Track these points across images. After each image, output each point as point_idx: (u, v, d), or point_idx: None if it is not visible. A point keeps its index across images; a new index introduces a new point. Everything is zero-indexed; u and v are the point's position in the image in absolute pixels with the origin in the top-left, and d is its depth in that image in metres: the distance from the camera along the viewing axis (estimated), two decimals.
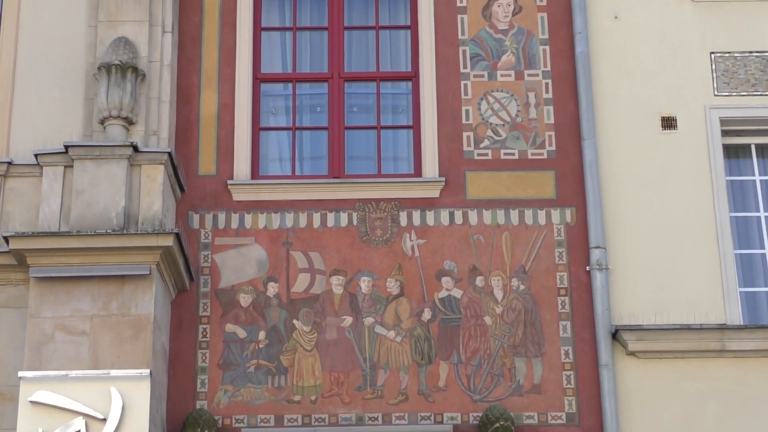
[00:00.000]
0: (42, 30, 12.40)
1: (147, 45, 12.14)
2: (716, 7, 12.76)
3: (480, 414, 11.65)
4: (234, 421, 11.70)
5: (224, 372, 11.84)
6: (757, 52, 12.64)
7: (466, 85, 12.65)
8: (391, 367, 11.85)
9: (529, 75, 12.69)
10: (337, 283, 12.07)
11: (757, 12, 12.74)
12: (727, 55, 12.64)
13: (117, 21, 12.21)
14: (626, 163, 12.34)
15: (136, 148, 11.54)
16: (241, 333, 11.94)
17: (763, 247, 12.38)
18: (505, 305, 11.99)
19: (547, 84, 12.65)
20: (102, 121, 11.82)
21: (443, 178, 12.32)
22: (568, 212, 12.26)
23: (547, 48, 12.75)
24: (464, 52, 12.76)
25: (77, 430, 10.67)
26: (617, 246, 12.10)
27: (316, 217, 12.27)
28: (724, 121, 12.45)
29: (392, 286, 12.06)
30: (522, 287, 12.02)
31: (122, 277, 11.14)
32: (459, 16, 12.86)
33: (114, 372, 10.87)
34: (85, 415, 10.70)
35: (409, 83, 12.91)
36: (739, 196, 12.56)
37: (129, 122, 11.82)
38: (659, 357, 11.72)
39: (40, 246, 11.14)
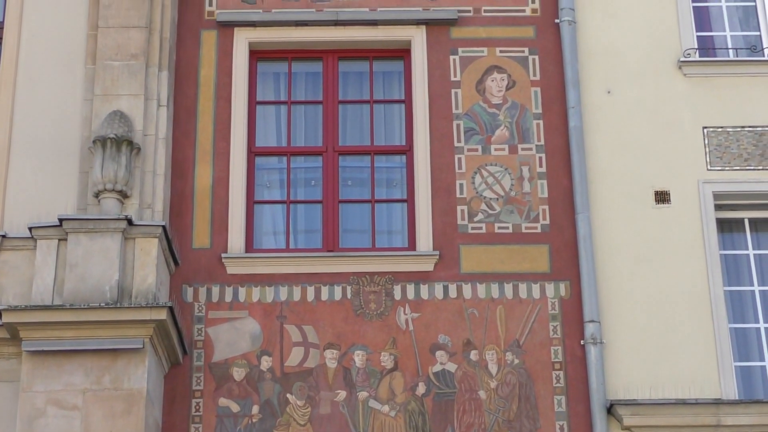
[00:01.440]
0: (38, 103, 12.45)
1: (142, 119, 12.17)
2: (708, 83, 12.86)
3: None
4: None
5: None
6: (750, 126, 12.70)
7: (460, 159, 12.69)
8: None
9: (522, 149, 12.73)
10: (331, 357, 12.02)
11: (748, 87, 12.82)
12: (719, 129, 12.71)
13: (113, 95, 12.25)
14: (620, 237, 12.36)
15: (130, 222, 11.53)
16: (235, 407, 11.86)
17: (757, 321, 12.36)
18: (499, 379, 11.94)
19: (540, 158, 12.69)
20: (96, 195, 11.82)
21: (437, 252, 12.31)
22: (562, 286, 12.25)
23: (541, 122, 12.81)
24: (458, 126, 12.81)
25: None
26: (612, 320, 12.07)
27: (310, 291, 12.24)
28: (717, 196, 12.48)
29: (386, 359, 12.02)
30: (516, 361, 11.98)
31: (115, 350, 11.09)
32: (453, 91, 12.93)
33: None
34: None
35: (404, 157, 12.96)
36: (733, 270, 12.55)
37: (123, 195, 11.82)
38: None
39: (33, 320, 11.09)
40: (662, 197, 12.47)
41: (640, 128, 12.72)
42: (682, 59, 12.88)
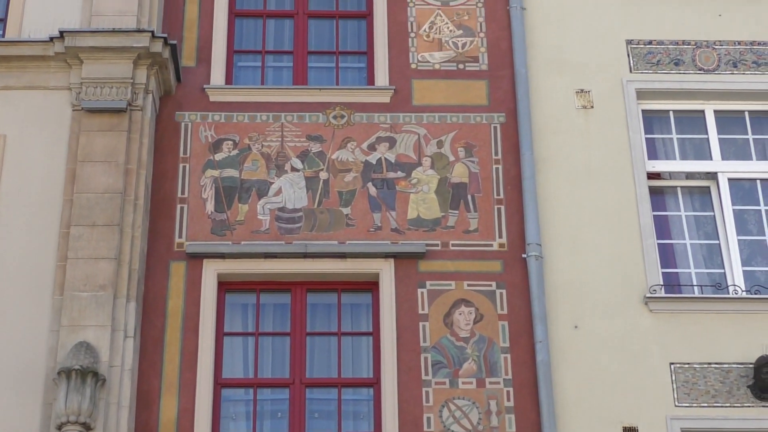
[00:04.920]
0: (3, 333, 12.36)
1: (108, 349, 12.10)
2: (674, 319, 12.92)
3: None
4: None
5: None
6: (716, 363, 12.72)
7: (427, 392, 12.62)
8: None
9: (490, 383, 12.69)
10: None
11: (714, 324, 12.87)
12: (686, 365, 12.71)
13: (79, 326, 12.20)
14: None
15: None
16: None
17: None
18: None
19: (508, 392, 12.63)
20: (59, 427, 11.66)
21: None
22: None
23: (509, 356, 12.80)
24: (426, 359, 12.77)
25: None
26: None
27: None
28: None
29: None
30: None
31: None
32: (421, 324, 12.94)
33: None
34: None
35: (371, 389, 12.88)
36: None
37: (87, 427, 11.68)
38: None
39: None
40: None
41: (608, 363, 12.71)
42: (648, 295, 12.98)
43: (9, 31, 13.85)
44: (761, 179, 13.90)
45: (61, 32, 13.38)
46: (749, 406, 12.56)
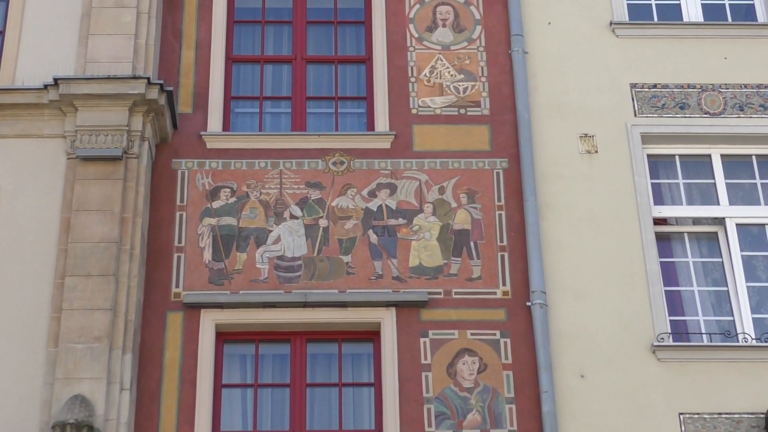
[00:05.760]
0: None
1: (104, 403, 11.95)
2: (683, 368, 12.67)
3: None
4: None
5: None
6: (726, 413, 12.52)
7: None
8: None
9: None
10: None
11: (724, 373, 12.65)
12: (696, 416, 12.53)
13: (74, 378, 12.05)
14: None
15: None
16: None
17: None
18: None
19: None
20: None
21: None
22: None
23: (513, 407, 12.61)
24: (429, 410, 12.59)
25: None
26: None
27: None
28: None
29: None
30: None
31: None
32: (423, 374, 12.76)
33: None
34: None
35: None
36: None
37: None
38: None
39: None
40: None
41: (615, 414, 12.53)
42: (656, 343, 12.80)
43: (2, 79, 13.76)
44: None
45: (56, 79, 13.29)
46: None
